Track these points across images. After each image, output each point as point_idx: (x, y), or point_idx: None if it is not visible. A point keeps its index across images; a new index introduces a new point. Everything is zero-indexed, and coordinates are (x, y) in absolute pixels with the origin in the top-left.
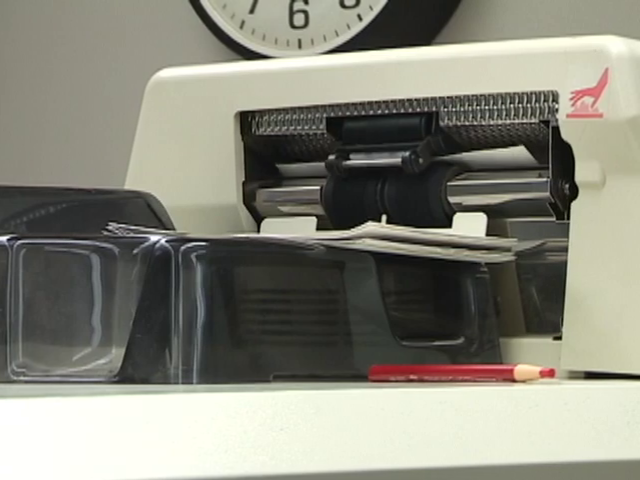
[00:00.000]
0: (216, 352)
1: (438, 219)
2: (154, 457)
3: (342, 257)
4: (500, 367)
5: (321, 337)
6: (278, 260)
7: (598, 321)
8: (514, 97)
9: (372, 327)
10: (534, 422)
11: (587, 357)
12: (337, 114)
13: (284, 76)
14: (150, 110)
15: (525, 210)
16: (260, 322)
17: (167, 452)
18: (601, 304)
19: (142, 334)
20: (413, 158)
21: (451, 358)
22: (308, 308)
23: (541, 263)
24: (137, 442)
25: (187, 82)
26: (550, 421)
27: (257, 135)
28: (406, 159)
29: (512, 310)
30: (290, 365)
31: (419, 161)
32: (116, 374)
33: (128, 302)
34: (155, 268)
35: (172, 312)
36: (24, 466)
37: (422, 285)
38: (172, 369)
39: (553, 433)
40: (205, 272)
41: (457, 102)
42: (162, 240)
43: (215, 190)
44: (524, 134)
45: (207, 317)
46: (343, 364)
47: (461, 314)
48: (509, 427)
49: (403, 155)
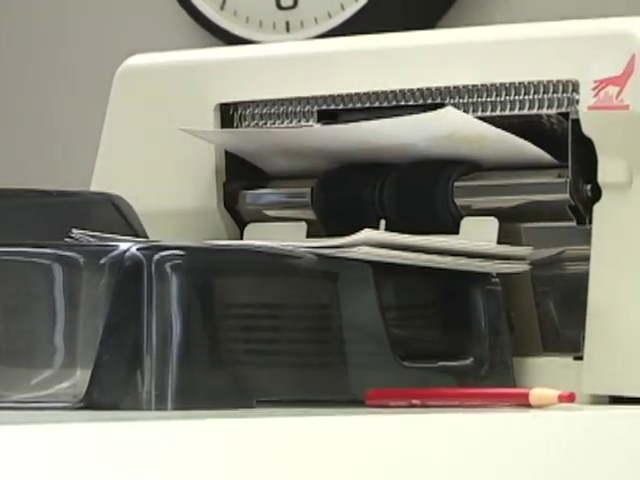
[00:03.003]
0: (193, 374)
1: (444, 224)
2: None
3: (336, 267)
4: (514, 391)
5: (312, 357)
6: (264, 270)
7: (624, 339)
8: (528, 87)
9: (370, 346)
10: (552, 453)
11: (612, 379)
12: (330, 106)
13: (270, 63)
14: (119, 102)
15: (542, 214)
16: (243, 340)
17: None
18: (627, 320)
19: (110, 354)
20: None
21: (458, 380)
22: (297, 325)
23: (560, 273)
24: (104, 475)
25: (160, 70)
26: (570, 452)
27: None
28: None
29: (527, 326)
30: (276, 389)
31: None
32: (81, 399)
33: (94, 318)
34: (125, 280)
35: (144, 329)
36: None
37: (426, 299)
38: (144, 393)
39: (574, 465)
40: (181, 284)
41: (465, 92)
42: (133, 248)
43: (192, 192)
44: (540, 128)
45: (183, 335)
46: (336, 388)
47: (470, 331)
48: (524, 459)
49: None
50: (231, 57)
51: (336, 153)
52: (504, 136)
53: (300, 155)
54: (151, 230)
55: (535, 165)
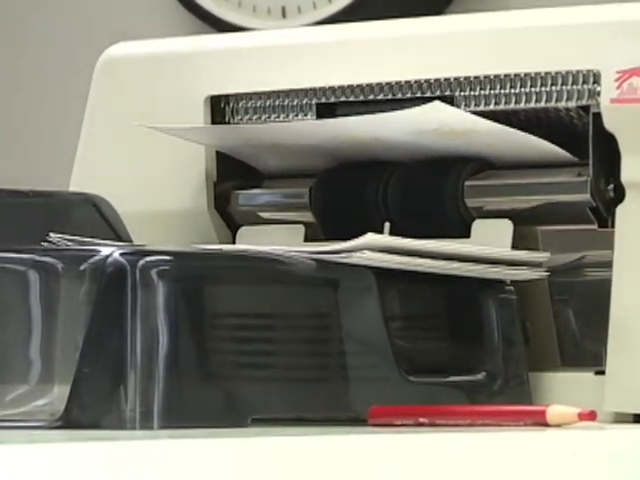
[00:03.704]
0: (182, 390)
1: (453, 227)
2: None
3: (336, 274)
4: (530, 408)
5: (310, 372)
6: (258, 277)
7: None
8: (545, 78)
9: (372, 359)
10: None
11: (636, 396)
12: (329, 99)
13: (264, 53)
14: (100, 94)
15: (560, 216)
16: (236, 353)
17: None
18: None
19: (91, 368)
20: None
21: (470, 397)
22: (294, 336)
23: (579, 281)
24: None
25: (145, 60)
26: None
27: (232, 124)
28: None
29: (544, 338)
30: (272, 406)
31: None
32: (59, 417)
33: (74, 329)
34: (107, 287)
35: (128, 341)
36: None
37: (434, 308)
38: (128, 411)
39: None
40: (168, 292)
41: (476, 84)
42: (115, 253)
43: (180, 191)
44: (558, 123)
45: (171, 347)
46: (336, 405)
47: (482, 343)
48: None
49: None
50: (222, 45)
51: (333, 150)
52: (500, 130)
53: (296, 153)
54: (135, 234)
55: (551, 163)
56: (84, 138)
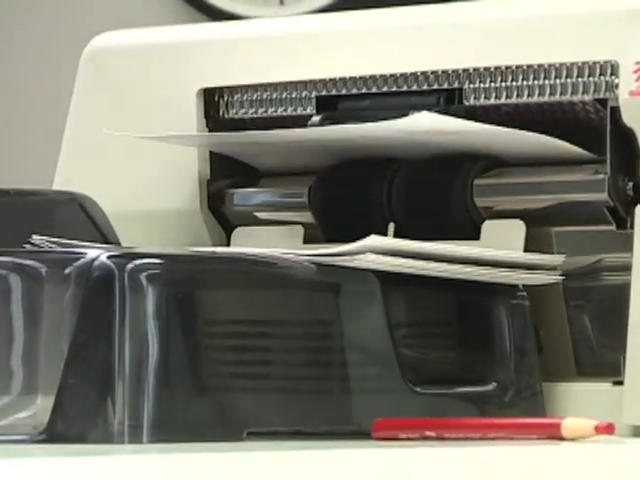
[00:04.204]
0: (173, 402)
1: (462, 228)
2: None
3: (337, 278)
4: (544, 420)
5: (309, 382)
6: (254, 282)
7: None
8: (560, 69)
9: (376, 369)
10: None
11: None
12: (330, 92)
13: (261, 43)
14: (85, 88)
15: (575, 216)
16: (231, 363)
17: None
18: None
19: (76, 378)
20: None
21: (480, 409)
22: (293, 345)
23: (596, 285)
24: None
25: (133, 51)
26: None
27: (226, 119)
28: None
29: (559, 346)
30: (269, 419)
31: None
32: (42, 431)
33: (58, 337)
34: (93, 292)
35: (116, 350)
36: None
37: (441, 315)
38: (116, 424)
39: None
40: (159, 297)
41: (487, 76)
42: (102, 256)
43: (171, 190)
44: (573, 117)
45: (161, 356)
46: (338, 417)
47: (492, 352)
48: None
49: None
50: (216, 35)
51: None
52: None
53: (294, 150)
54: (123, 235)
55: (565, 160)
56: (69, 134)
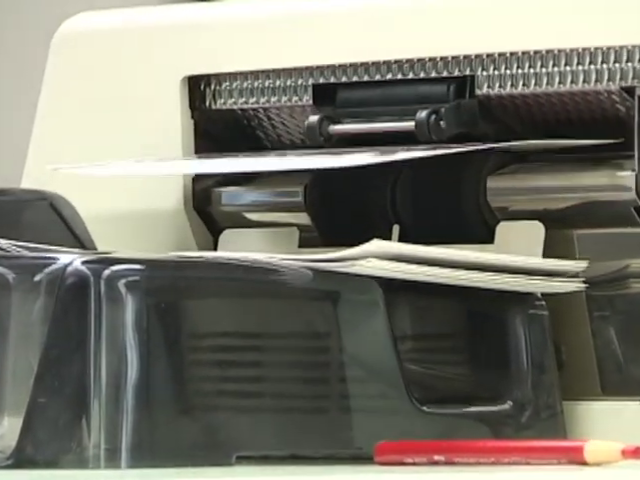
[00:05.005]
0: (155, 423)
1: (474, 231)
2: None
3: (336, 286)
4: (565, 444)
5: (306, 401)
6: (244, 290)
7: None
8: (583, 55)
9: (379, 386)
10: None
11: None
12: (328, 80)
13: (252, 26)
14: (57, 75)
15: (600, 217)
16: (218, 379)
17: None
18: None
19: (47, 397)
20: (432, 120)
21: (494, 430)
22: (287, 359)
23: (623, 294)
24: None
25: (110, 34)
26: None
27: (213, 110)
28: (422, 120)
29: (581, 362)
30: (261, 441)
31: (440, 125)
32: (9, 455)
33: (27, 350)
34: (66, 301)
35: (91, 365)
36: None
37: (451, 326)
38: (91, 448)
39: None
40: (139, 307)
41: (501, 62)
42: (76, 261)
43: (153, 189)
44: (597, 107)
45: (142, 372)
46: (337, 440)
47: (508, 368)
48: None
49: (418, 115)
50: (202, 16)
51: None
52: None
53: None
54: (100, 238)
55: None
56: (38, 127)
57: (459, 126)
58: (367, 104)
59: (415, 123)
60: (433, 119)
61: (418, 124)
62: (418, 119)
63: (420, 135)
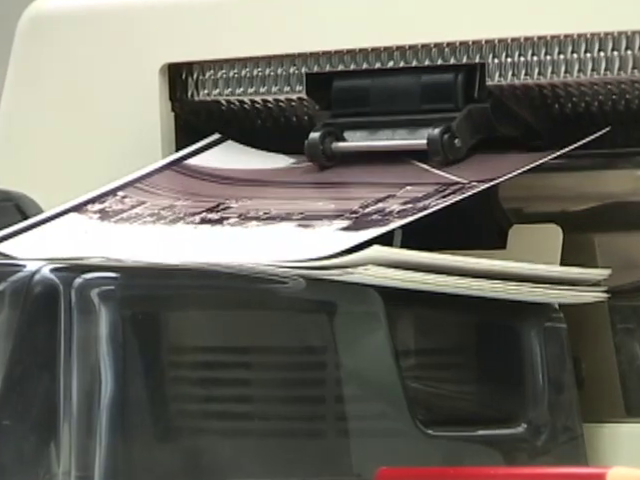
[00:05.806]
0: (131, 448)
1: (485, 235)
2: None
3: (332, 295)
4: (585, 470)
5: (299, 423)
6: (230, 300)
7: None
8: (605, 40)
9: (379, 406)
10: None
11: None
12: (323, 68)
13: (239, 8)
14: (24, 62)
15: (623, 221)
16: (202, 400)
17: None
18: None
19: (12, 419)
20: (446, 138)
21: (506, 456)
22: (278, 377)
23: None
24: None
25: (82, 17)
26: None
27: (196, 101)
28: (434, 139)
29: (603, 380)
30: (250, 468)
31: (454, 143)
32: None
33: None
34: (33, 314)
35: (60, 384)
36: None
37: (458, 340)
38: (61, 475)
39: None
40: (113, 319)
41: (515, 48)
42: (44, 269)
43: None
44: (620, 98)
45: (116, 392)
46: (334, 465)
47: (522, 386)
48: None
49: (430, 134)
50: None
51: None
52: None
53: None
54: None
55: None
56: (4, 120)
57: (474, 136)
58: (366, 95)
59: (427, 142)
60: (446, 136)
61: (430, 141)
62: (430, 136)
63: (433, 154)
